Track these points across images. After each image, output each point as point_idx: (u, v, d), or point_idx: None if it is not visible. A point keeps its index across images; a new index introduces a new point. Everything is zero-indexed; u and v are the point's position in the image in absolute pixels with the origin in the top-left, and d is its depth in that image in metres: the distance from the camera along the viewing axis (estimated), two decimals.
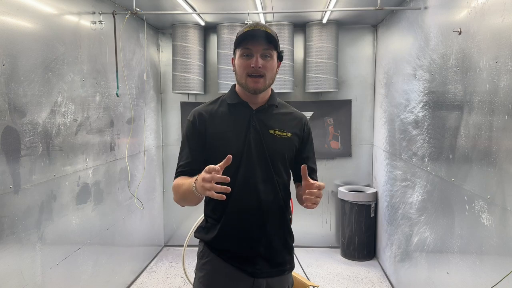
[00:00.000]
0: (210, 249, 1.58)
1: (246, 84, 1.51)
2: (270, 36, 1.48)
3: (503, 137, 1.72)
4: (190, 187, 1.38)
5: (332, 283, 3.67)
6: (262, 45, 1.47)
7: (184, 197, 1.47)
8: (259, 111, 1.57)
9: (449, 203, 2.27)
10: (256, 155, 1.53)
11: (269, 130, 1.56)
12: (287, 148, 1.59)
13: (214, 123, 1.55)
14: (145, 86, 3.92)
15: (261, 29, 1.48)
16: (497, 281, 1.68)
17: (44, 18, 2.32)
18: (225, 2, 3.43)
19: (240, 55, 1.51)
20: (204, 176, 1.28)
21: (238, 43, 1.51)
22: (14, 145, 2.02)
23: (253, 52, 1.48)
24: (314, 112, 4.39)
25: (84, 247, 2.73)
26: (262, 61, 1.48)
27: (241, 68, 1.50)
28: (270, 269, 1.56)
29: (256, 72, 1.48)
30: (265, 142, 1.54)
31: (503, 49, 1.73)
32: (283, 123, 1.60)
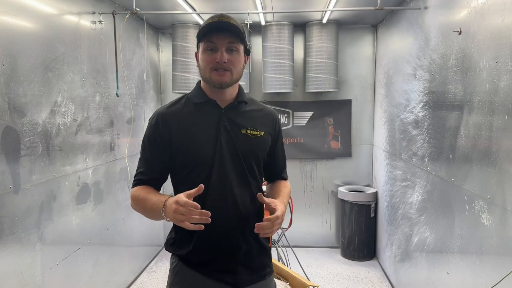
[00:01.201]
0: (186, 263, 1.45)
1: (210, 79, 1.39)
2: (235, 28, 1.37)
3: (503, 137, 1.72)
4: (157, 210, 1.30)
5: (332, 283, 3.67)
6: (227, 38, 1.36)
7: (147, 214, 1.40)
8: (228, 110, 1.46)
9: (449, 203, 2.27)
10: (229, 157, 1.41)
11: (241, 130, 1.45)
12: (260, 148, 1.49)
13: (180, 126, 1.42)
14: (145, 86, 3.92)
15: (225, 20, 1.36)
16: (497, 281, 1.68)
17: (44, 18, 2.32)
18: (225, 2, 3.44)
19: (204, 49, 1.38)
20: (177, 208, 1.21)
21: (201, 36, 1.38)
22: (14, 145, 2.02)
23: (218, 46, 1.36)
24: (314, 112, 4.39)
25: (84, 247, 2.73)
26: (227, 55, 1.37)
27: (205, 62, 1.39)
28: (251, 276, 1.47)
29: (221, 67, 1.37)
30: (237, 143, 1.43)
31: (503, 49, 1.73)
32: (254, 121, 1.50)
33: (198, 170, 1.41)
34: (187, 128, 1.43)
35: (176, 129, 1.42)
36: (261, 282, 1.50)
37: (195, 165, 1.41)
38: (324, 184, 4.49)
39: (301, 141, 4.42)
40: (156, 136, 1.44)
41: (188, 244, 1.43)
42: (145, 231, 3.98)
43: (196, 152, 1.40)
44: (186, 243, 1.44)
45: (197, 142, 1.41)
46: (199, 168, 1.41)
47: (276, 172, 1.65)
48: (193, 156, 1.41)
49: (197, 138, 1.42)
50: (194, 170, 1.41)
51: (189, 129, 1.43)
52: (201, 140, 1.41)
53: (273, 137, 1.56)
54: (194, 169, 1.41)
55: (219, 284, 1.43)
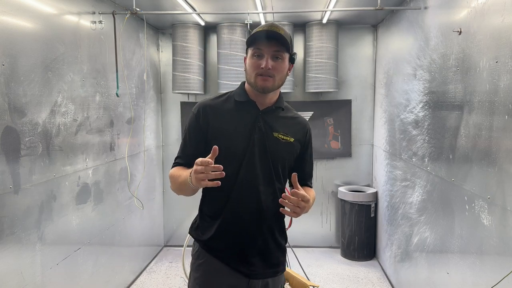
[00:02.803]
0: (206, 249, 1.57)
1: (255, 83, 1.50)
2: (282, 38, 1.46)
3: (503, 137, 1.72)
4: (186, 180, 1.40)
5: (332, 283, 3.67)
6: (273, 46, 1.46)
7: (180, 187, 1.50)
8: (265, 112, 1.57)
9: (449, 203, 2.27)
10: (258, 156, 1.52)
11: (273, 133, 1.56)
12: (288, 153, 1.59)
13: (218, 118, 1.54)
14: (145, 86, 3.92)
15: (274, 30, 1.46)
16: (497, 281, 1.68)
17: (44, 18, 2.32)
18: (225, 2, 3.43)
19: (251, 55, 1.50)
20: (196, 168, 1.31)
21: (250, 42, 1.50)
22: (14, 145, 2.02)
23: (264, 53, 1.47)
24: (314, 112, 4.39)
25: (84, 247, 2.73)
26: (272, 62, 1.47)
27: (251, 67, 1.50)
28: (265, 270, 1.57)
29: (266, 73, 1.47)
30: (268, 144, 1.54)
31: (503, 49, 1.73)
32: (287, 127, 1.60)
33: (228, 162, 1.47)
34: (224, 121, 1.53)
35: (214, 120, 1.53)
36: (273, 278, 1.61)
37: (225, 156, 1.47)
38: (324, 184, 4.49)
39: None
40: (195, 125, 1.55)
41: (210, 231, 1.55)
42: (145, 231, 3.98)
43: (229, 145, 1.50)
44: (209, 229, 1.56)
45: (231, 136, 1.52)
46: (229, 160, 1.48)
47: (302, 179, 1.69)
48: (225, 148, 1.47)
49: (232, 132, 1.52)
50: (224, 161, 1.45)
51: (226, 122, 1.53)
52: (235, 135, 1.52)
53: (302, 146, 1.65)
54: (224, 161, 1.45)
55: (234, 273, 1.54)
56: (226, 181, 1.45)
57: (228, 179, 1.46)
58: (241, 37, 4.06)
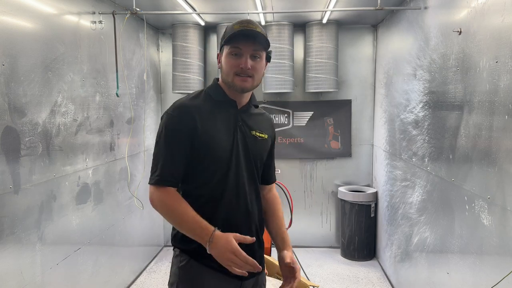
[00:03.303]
0: (196, 258, 1.47)
1: (233, 83, 1.45)
2: (261, 36, 1.44)
3: (503, 137, 1.72)
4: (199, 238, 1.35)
5: (332, 283, 3.67)
6: (252, 45, 1.43)
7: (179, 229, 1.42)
8: (243, 111, 1.55)
9: (449, 203, 2.27)
10: (242, 156, 1.50)
11: (251, 131, 1.54)
12: (265, 150, 1.60)
13: (204, 122, 1.45)
14: (145, 86, 3.92)
15: (253, 28, 1.43)
16: (497, 281, 1.68)
17: (44, 18, 2.32)
18: (225, 2, 3.43)
19: (229, 53, 1.45)
20: (232, 258, 1.30)
21: (227, 40, 1.44)
22: (14, 145, 2.02)
23: (243, 52, 1.43)
24: (314, 112, 4.39)
25: (84, 247, 2.73)
26: (251, 62, 1.44)
27: (229, 66, 1.45)
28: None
29: (245, 73, 1.44)
30: (249, 143, 1.52)
31: (503, 49, 1.73)
32: (260, 124, 1.60)
33: (216, 166, 1.45)
34: (210, 124, 1.46)
35: (201, 123, 1.44)
36: (261, 274, 1.62)
37: (214, 160, 1.45)
38: (324, 184, 4.49)
39: (301, 141, 4.42)
40: (181, 129, 1.43)
41: None
42: (145, 231, 3.98)
43: (216, 148, 1.45)
44: None
45: (217, 139, 1.46)
46: (218, 164, 1.46)
47: (270, 174, 1.73)
48: (213, 152, 1.45)
49: (217, 134, 1.46)
50: (211, 165, 1.46)
51: (211, 125, 1.46)
52: (220, 137, 1.47)
53: (272, 141, 1.66)
54: (211, 165, 1.46)
55: (227, 278, 1.49)
56: (216, 185, 1.45)
57: (219, 183, 1.45)
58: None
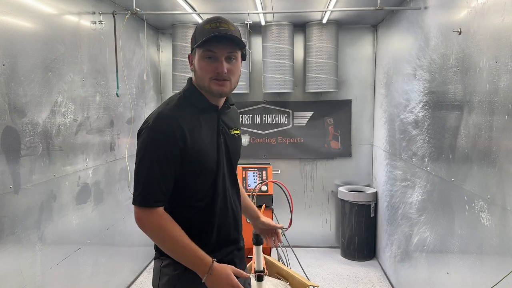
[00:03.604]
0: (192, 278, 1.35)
1: (210, 88, 1.37)
2: (235, 37, 1.35)
3: (503, 137, 1.72)
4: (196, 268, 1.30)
5: (332, 283, 3.67)
6: (227, 47, 1.35)
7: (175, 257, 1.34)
8: (222, 113, 1.49)
9: (449, 203, 2.27)
10: (226, 161, 1.46)
11: (230, 131, 1.50)
12: (240, 145, 1.60)
13: (190, 132, 1.35)
14: (145, 86, 3.92)
15: (225, 27, 1.34)
16: (497, 281, 1.68)
17: (44, 18, 2.32)
18: (225, 2, 3.43)
19: (202, 57, 1.36)
20: None
21: (200, 43, 1.33)
22: (14, 145, 2.02)
23: (218, 56, 1.34)
24: (314, 112, 4.39)
25: (84, 247, 2.73)
26: (227, 65, 1.35)
27: (204, 71, 1.36)
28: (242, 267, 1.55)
29: (221, 77, 1.35)
30: (230, 145, 1.48)
31: (503, 49, 1.73)
32: (234, 120, 1.56)
33: (205, 176, 1.41)
34: (196, 135, 1.37)
35: (188, 135, 1.34)
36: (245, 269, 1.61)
37: (204, 170, 1.41)
38: (324, 184, 4.49)
39: (301, 141, 4.42)
40: (168, 142, 1.32)
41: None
42: None
43: (205, 160, 1.40)
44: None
45: (206, 150, 1.40)
46: (206, 174, 1.41)
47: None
48: (202, 162, 1.39)
49: (205, 145, 1.40)
50: (200, 176, 1.41)
51: (198, 135, 1.38)
52: (208, 148, 1.41)
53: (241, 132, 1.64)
54: (200, 175, 1.41)
55: None
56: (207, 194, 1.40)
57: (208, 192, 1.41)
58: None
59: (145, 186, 1.32)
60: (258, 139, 4.46)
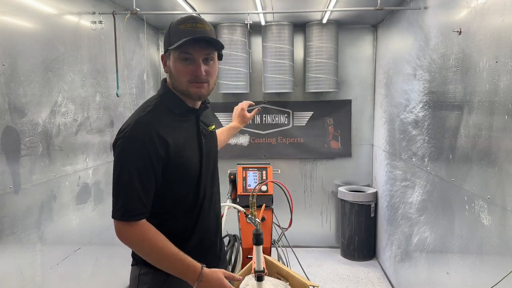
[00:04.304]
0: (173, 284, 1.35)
1: (187, 91, 1.34)
2: (211, 38, 1.31)
3: (503, 137, 1.72)
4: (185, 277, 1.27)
5: (332, 283, 3.67)
6: (204, 49, 1.31)
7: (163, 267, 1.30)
8: (200, 114, 1.45)
9: (449, 203, 2.27)
10: (207, 163, 1.43)
11: (208, 128, 1.50)
12: (217, 140, 1.59)
13: (172, 138, 1.31)
14: (145, 86, 3.91)
15: (201, 28, 1.30)
16: (497, 281, 1.68)
17: (44, 18, 2.32)
18: (225, 2, 3.43)
19: (178, 59, 1.31)
20: None
21: (176, 46, 1.28)
22: (14, 145, 2.02)
23: (195, 58, 1.31)
24: (314, 112, 4.39)
25: (84, 247, 2.73)
26: (205, 66, 1.32)
27: (181, 74, 1.32)
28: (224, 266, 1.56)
29: (200, 80, 1.32)
30: (210, 144, 1.47)
31: (503, 49, 1.73)
32: (209, 117, 1.55)
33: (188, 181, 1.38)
34: (178, 142, 1.33)
35: (170, 142, 1.30)
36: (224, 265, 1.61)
37: (187, 176, 1.37)
38: (324, 184, 4.49)
39: (301, 141, 4.42)
40: (148, 151, 1.26)
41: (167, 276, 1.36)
42: None
43: (188, 166, 1.37)
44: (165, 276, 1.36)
45: (189, 156, 1.37)
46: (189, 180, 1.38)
47: None
48: (186, 170, 1.36)
49: (187, 151, 1.37)
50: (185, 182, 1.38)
51: (179, 142, 1.34)
52: (190, 153, 1.38)
53: None
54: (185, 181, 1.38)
55: None
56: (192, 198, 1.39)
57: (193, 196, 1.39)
58: (241, 37, 4.07)
59: (125, 201, 1.27)
60: (258, 139, 4.47)
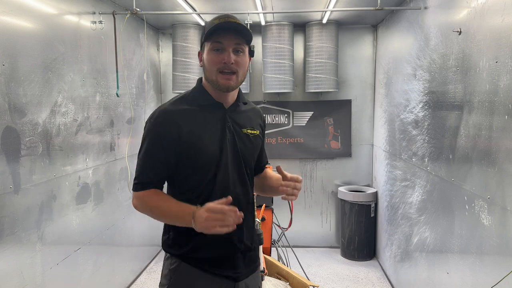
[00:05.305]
0: (187, 261, 1.45)
1: (217, 81, 1.39)
2: (242, 28, 1.36)
3: (503, 137, 1.72)
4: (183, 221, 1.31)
5: (332, 283, 3.67)
6: (234, 38, 1.36)
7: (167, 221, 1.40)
8: (231, 111, 1.49)
9: (449, 203, 2.27)
10: (232, 157, 1.46)
11: (242, 130, 1.50)
12: (257, 146, 1.57)
13: (187, 126, 1.40)
14: (145, 86, 3.92)
15: (233, 21, 1.36)
16: (497, 281, 1.68)
17: (44, 18, 2.32)
18: (225, 2, 3.44)
19: (210, 49, 1.38)
20: (209, 216, 1.24)
21: (208, 36, 1.36)
22: (14, 145, 2.02)
23: (225, 46, 1.36)
24: (314, 112, 4.39)
25: (84, 247, 2.73)
26: (234, 56, 1.37)
27: (212, 63, 1.38)
28: (247, 270, 1.53)
29: (228, 68, 1.37)
30: (239, 143, 1.48)
31: (503, 49, 1.73)
32: (251, 120, 1.55)
33: (203, 171, 1.42)
34: (195, 129, 1.41)
35: (184, 129, 1.39)
36: (254, 274, 1.58)
37: (200, 165, 1.42)
38: (324, 184, 4.49)
39: (301, 141, 4.42)
40: (162, 135, 1.39)
41: (188, 242, 1.44)
42: (145, 231, 3.98)
43: (203, 153, 1.41)
44: (186, 241, 1.44)
45: (204, 143, 1.41)
46: (205, 169, 1.42)
47: (262, 165, 1.71)
48: (200, 157, 1.41)
49: (204, 139, 1.42)
50: (199, 170, 1.42)
51: (196, 130, 1.41)
52: (208, 141, 1.42)
53: (263, 133, 1.63)
54: (199, 170, 1.42)
55: (220, 279, 1.47)
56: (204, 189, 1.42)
57: (206, 186, 1.42)
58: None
59: (138, 175, 1.44)
60: None
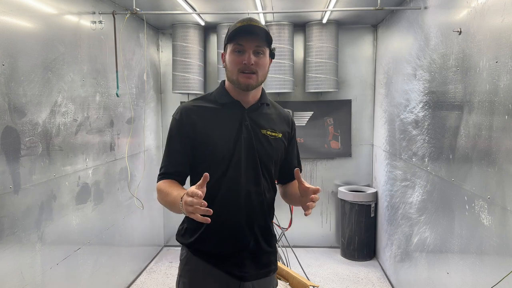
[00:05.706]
0: (194, 252, 1.52)
1: (237, 80, 1.46)
2: (263, 32, 1.44)
3: (503, 137, 1.72)
4: (176, 203, 1.33)
5: (332, 283, 3.67)
6: (255, 41, 1.43)
7: (170, 207, 1.44)
8: (251, 110, 1.53)
9: (449, 203, 2.27)
10: (246, 155, 1.48)
11: (261, 130, 1.52)
12: (277, 149, 1.56)
13: (203, 122, 1.49)
14: (145, 86, 3.92)
15: (254, 24, 1.43)
16: (497, 281, 1.68)
17: (44, 18, 2.32)
18: (225, 2, 3.43)
19: (232, 51, 1.46)
20: (186, 199, 1.24)
21: (230, 38, 1.45)
22: (14, 145, 2.02)
23: (246, 49, 1.43)
24: (314, 112, 4.39)
25: (84, 247, 2.73)
26: (254, 58, 1.43)
27: (233, 64, 1.45)
28: (257, 272, 1.53)
29: (248, 69, 1.43)
30: (256, 142, 1.50)
31: (503, 49, 1.73)
32: (274, 123, 1.57)
33: (215, 166, 1.46)
34: (210, 125, 1.49)
35: (199, 124, 1.48)
36: (265, 279, 1.57)
37: (213, 160, 1.47)
38: (324, 184, 4.49)
39: (301, 141, 4.42)
40: (180, 131, 1.50)
41: (194, 233, 1.51)
42: (145, 231, 3.98)
43: (216, 149, 1.47)
44: (193, 232, 1.51)
45: (218, 139, 1.47)
46: (217, 164, 1.46)
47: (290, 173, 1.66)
48: (212, 152, 1.47)
49: (218, 135, 1.48)
50: (211, 165, 1.46)
51: (212, 126, 1.49)
52: (221, 138, 1.48)
53: (289, 139, 1.63)
54: (211, 165, 1.46)
55: (225, 276, 1.49)
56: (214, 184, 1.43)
57: (216, 182, 1.45)
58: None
59: (160, 168, 1.55)
60: None
